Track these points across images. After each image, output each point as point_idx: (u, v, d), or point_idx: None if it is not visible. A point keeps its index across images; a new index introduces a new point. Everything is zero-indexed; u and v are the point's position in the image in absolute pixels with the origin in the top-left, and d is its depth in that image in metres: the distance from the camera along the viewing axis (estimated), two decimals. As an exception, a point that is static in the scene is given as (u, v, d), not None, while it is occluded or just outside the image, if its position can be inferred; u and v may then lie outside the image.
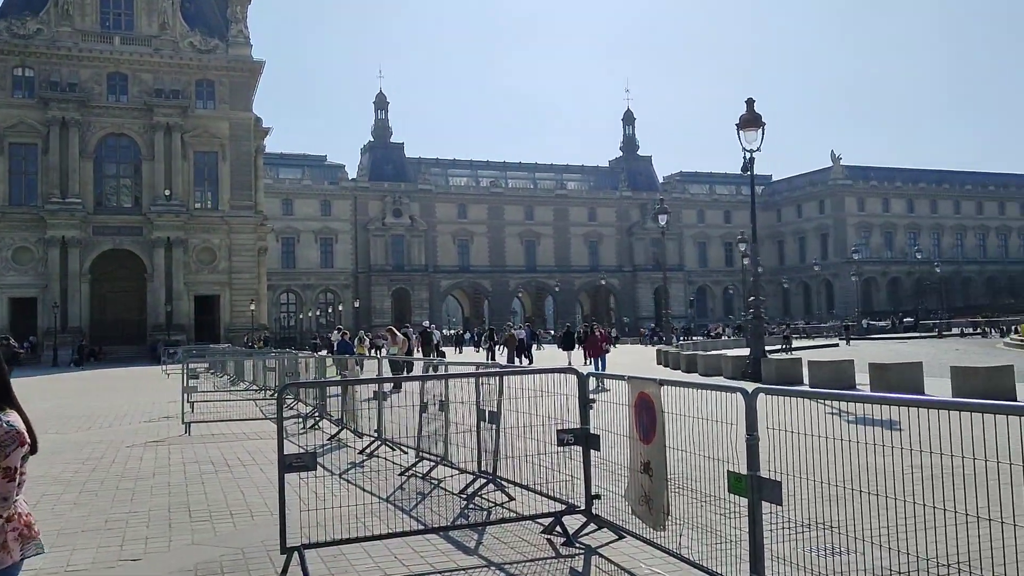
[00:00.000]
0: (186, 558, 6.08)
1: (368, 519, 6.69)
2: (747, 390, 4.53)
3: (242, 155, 63.62)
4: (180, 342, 52.70)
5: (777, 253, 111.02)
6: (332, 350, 25.40)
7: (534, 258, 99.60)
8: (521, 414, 7.31)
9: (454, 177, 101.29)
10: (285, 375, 18.20)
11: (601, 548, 5.91)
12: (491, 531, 6.49)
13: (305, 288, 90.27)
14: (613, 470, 6.35)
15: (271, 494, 8.21)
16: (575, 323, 71.36)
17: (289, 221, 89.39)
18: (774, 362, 20.88)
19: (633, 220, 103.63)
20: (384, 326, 55.70)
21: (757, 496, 4.34)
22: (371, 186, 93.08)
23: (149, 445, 12.45)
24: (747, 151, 19.77)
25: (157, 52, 61.12)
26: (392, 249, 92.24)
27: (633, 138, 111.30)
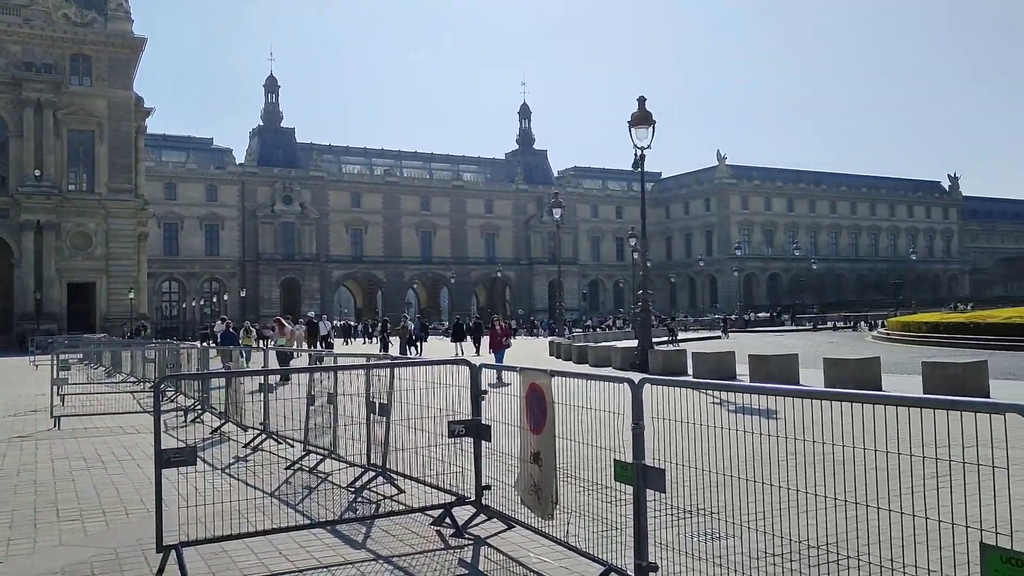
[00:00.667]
0: (53, 559, 5.74)
1: (252, 515, 6.49)
2: (634, 381, 4.62)
3: (121, 136, 60.58)
4: (51, 332, 49.82)
5: (665, 248, 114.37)
6: (215, 341, 24.53)
7: (430, 249, 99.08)
8: (412, 406, 7.24)
9: (348, 164, 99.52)
10: (165, 367, 17.46)
11: (490, 538, 5.93)
12: (380, 524, 6.41)
13: (189, 276, 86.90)
14: (504, 461, 6.38)
15: (148, 491, 7.83)
16: (471, 315, 71.52)
17: (172, 206, 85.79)
18: (660, 353, 21.50)
19: (530, 213, 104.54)
20: (272, 316, 54.36)
21: (642, 484, 4.44)
22: (260, 171, 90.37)
23: (14, 441, 11.71)
24: (638, 148, 20.24)
25: (27, 23, 57.42)
26: (282, 237, 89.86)
27: (529, 132, 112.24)
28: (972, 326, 30.38)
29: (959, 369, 13.56)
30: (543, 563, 5.31)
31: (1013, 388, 15.13)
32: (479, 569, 5.35)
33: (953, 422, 3.25)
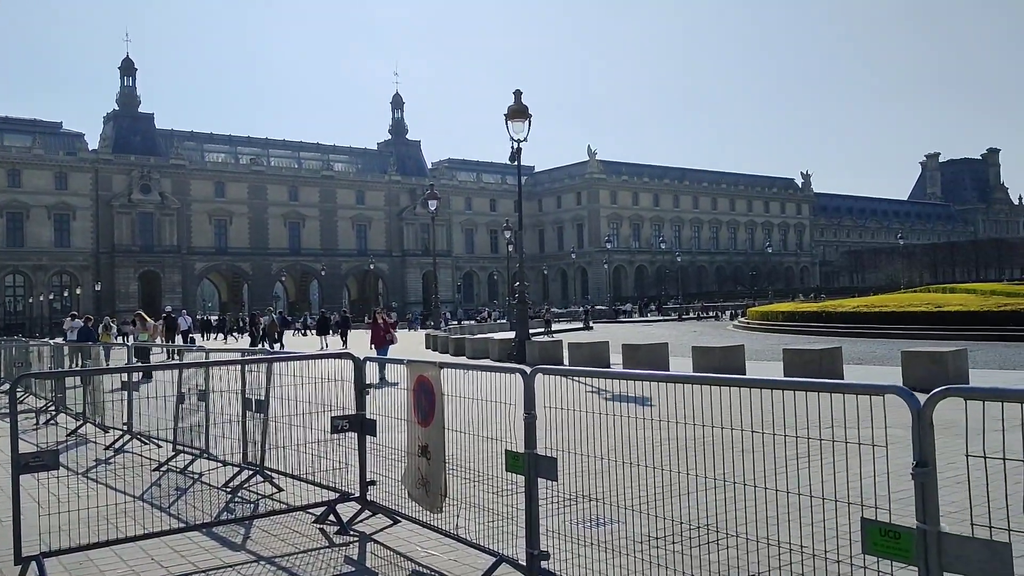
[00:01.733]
0: None
1: (119, 520, 6.14)
2: (525, 370, 4.66)
3: (-44, 116, 55.76)
4: None
5: (538, 241, 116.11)
6: (65, 338, 23.06)
7: (298, 241, 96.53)
8: (292, 402, 7.04)
9: (211, 153, 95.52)
10: (13, 365, 16.26)
11: (376, 534, 5.85)
12: (260, 524, 6.20)
13: (36, 269, 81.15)
14: (389, 455, 6.30)
15: (2, 500, 7.30)
16: (342, 308, 70.14)
17: (16, 194, 79.84)
18: (537, 344, 21.82)
19: (403, 205, 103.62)
20: (131, 311, 51.53)
21: (534, 473, 4.49)
22: (116, 159, 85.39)
23: None
24: (514, 140, 20.41)
25: None
26: (140, 228, 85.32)
27: (402, 122, 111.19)
28: (824, 315, 32.47)
29: (816, 355, 14.44)
30: (432, 556, 5.29)
31: (865, 371, 16.29)
32: (366, 566, 5.27)
33: (814, 404, 3.44)
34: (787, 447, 3.68)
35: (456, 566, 5.05)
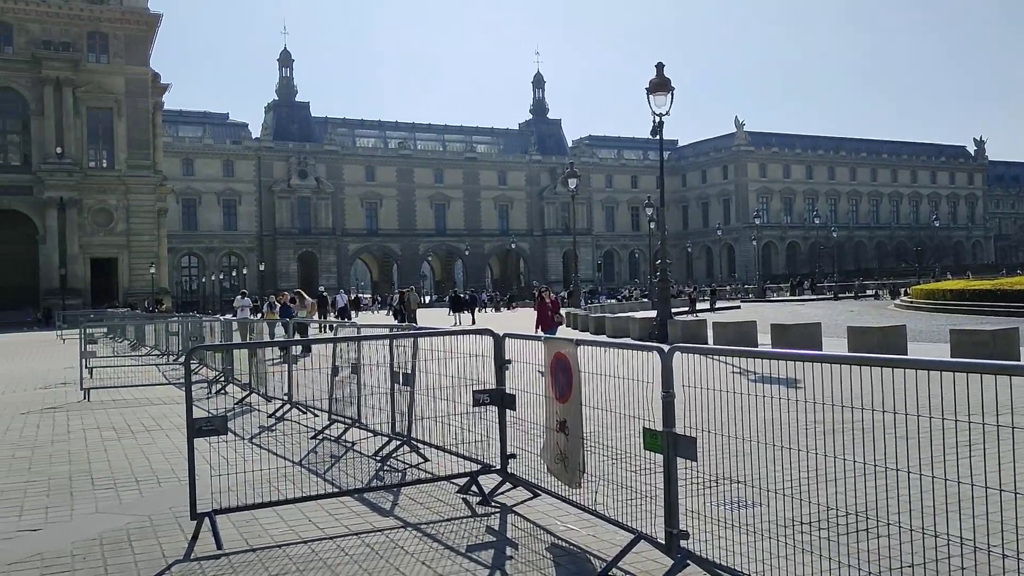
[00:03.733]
0: (90, 527, 5.85)
1: (280, 483, 6.59)
2: (663, 349, 4.61)
3: (139, 112, 60.72)
4: (76, 306, 50.40)
5: (682, 218, 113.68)
6: (235, 315, 24.72)
7: (444, 221, 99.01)
8: (436, 376, 7.28)
9: (362, 138, 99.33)
10: (189, 339, 17.65)
11: (517, 506, 5.98)
12: (407, 492, 6.47)
13: (208, 251, 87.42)
14: (528, 430, 6.41)
15: (178, 460, 7.98)
16: (485, 287, 71.28)
17: (190, 182, 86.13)
18: (680, 324, 21.45)
19: (543, 184, 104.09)
20: (291, 290, 54.64)
21: (672, 452, 4.45)
22: (276, 146, 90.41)
23: (46, 412, 11.91)
24: (656, 115, 20.04)
25: (44, 1, 57.41)
26: (298, 211, 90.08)
27: (543, 101, 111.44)
28: (999, 293, 30.03)
29: (988, 337, 13.42)
30: (571, 531, 5.35)
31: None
32: (507, 536, 5.40)
33: (984, 387, 3.21)
34: (951, 434, 3.46)
35: (594, 541, 5.09)
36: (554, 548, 5.07)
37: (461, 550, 5.08)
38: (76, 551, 5.31)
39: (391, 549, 5.14)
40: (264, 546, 5.27)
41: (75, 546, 5.41)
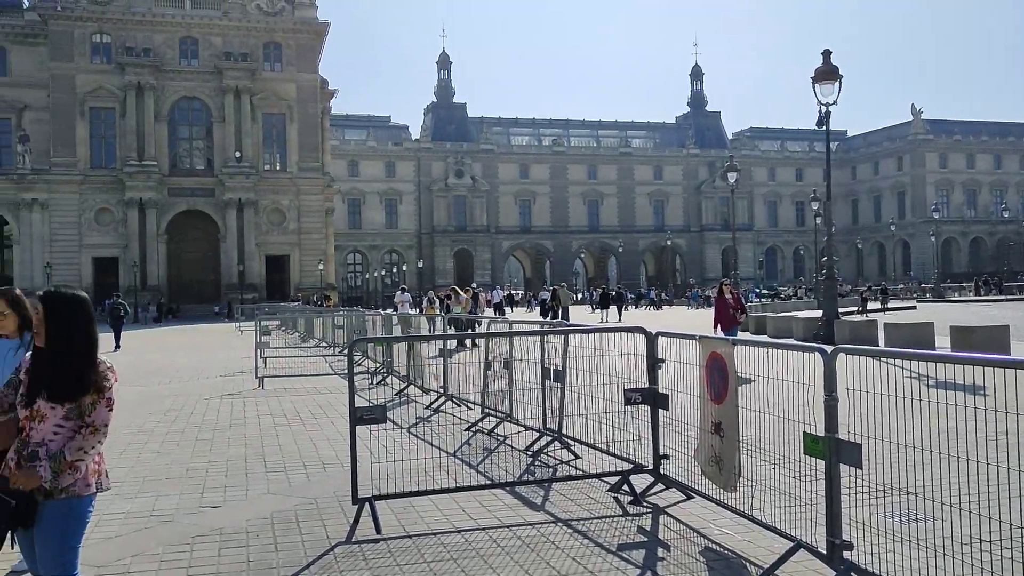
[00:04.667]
0: (263, 506, 6.26)
1: (436, 473, 6.79)
2: (825, 350, 4.39)
3: (309, 117, 64.34)
4: (252, 300, 54.15)
5: (851, 212, 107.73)
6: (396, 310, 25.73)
7: (597, 218, 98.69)
8: (587, 373, 7.28)
9: (516, 136, 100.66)
10: (353, 332, 18.52)
11: (669, 508, 5.87)
12: (557, 488, 6.51)
13: (371, 248, 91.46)
14: (681, 430, 6.28)
15: (341, 447, 8.39)
16: (640, 284, 70.45)
17: (355, 182, 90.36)
18: (848, 324, 20.35)
19: (701, 178, 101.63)
20: (447, 286, 56.15)
21: (835, 459, 4.23)
22: (434, 146, 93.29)
23: (225, 398, 12.85)
24: (823, 105, 19.11)
25: (226, 15, 61.95)
26: (454, 210, 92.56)
27: (701, 94, 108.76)
28: None
29: None
30: (725, 535, 5.20)
31: None
32: (659, 537, 5.32)
33: None
34: None
35: (750, 547, 4.92)
36: (708, 552, 4.94)
37: (612, 548, 5.05)
38: (251, 528, 5.70)
39: (542, 543, 5.18)
40: (420, 533, 5.45)
41: (250, 523, 5.81)
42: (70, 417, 3.32)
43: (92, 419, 3.34)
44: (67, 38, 58.78)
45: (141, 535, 5.62)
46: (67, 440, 3.31)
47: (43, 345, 3.40)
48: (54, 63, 58.41)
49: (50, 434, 3.31)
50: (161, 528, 5.78)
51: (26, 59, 59.63)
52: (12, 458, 3.33)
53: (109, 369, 3.43)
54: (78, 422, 3.33)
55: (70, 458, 3.28)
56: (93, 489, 3.39)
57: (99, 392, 3.37)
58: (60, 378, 3.32)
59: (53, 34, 58.59)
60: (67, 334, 3.38)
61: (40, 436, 3.31)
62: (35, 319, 3.50)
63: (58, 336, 3.38)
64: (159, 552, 5.24)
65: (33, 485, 3.23)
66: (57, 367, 3.33)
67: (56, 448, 3.29)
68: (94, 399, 3.35)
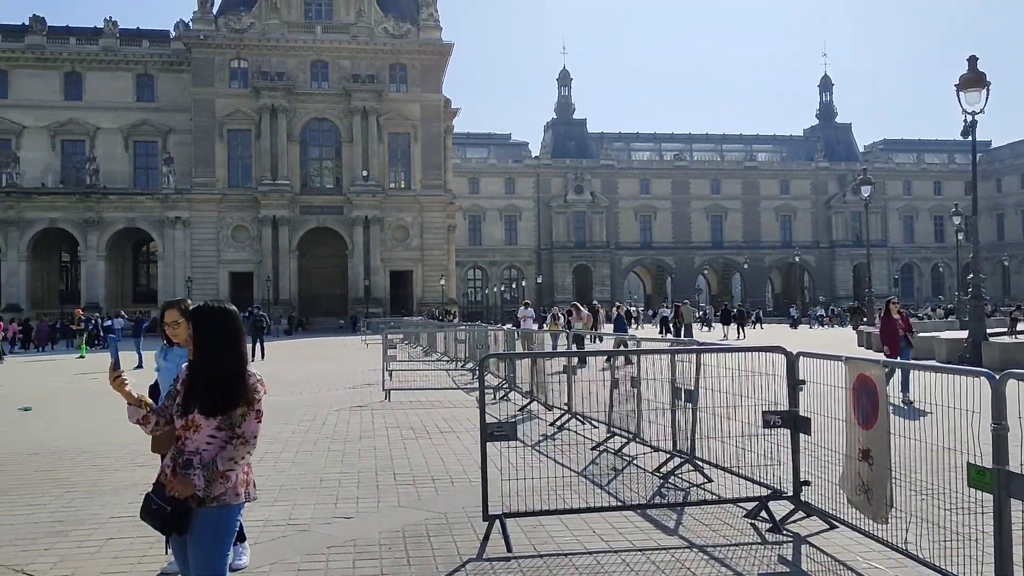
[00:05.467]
0: (394, 519, 6.35)
1: (564, 492, 6.69)
2: (993, 375, 4.05)
3: (432, 136, 65.95)
4: (377, 314, 55.81)
5: (996, 227, 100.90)
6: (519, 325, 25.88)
7: (720, 234, 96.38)
8: (720, 393, 7.03)
9: (636, 151, 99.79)
10: (476, 347, 18.70)
11: (811, 537, 5.58)
12: (690, 512, 6.30)
13: (491, 264, 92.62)
14: (823, 456, 5.96)
15: (468, 461, 8.45)
16: (765, 302, 68.24)
17: (475, 199, 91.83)
18: (998, 346, 18.97)
19: (831, 193, 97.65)
20: (567, 302, 56.04)
21: (1004, 492, 3.89)
22: (553, 163, 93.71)
23: (354, 410, 13.21)
24: (968, 114, 17.98)
25: (354, 39, 64.41)
26: (574, 225, 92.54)
27: (830, 105, 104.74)
28: None
29: None
30: (875, 569, 4.88)
31: None
32: (801, 568, 5.05)
33: None
34: None
35: (904, 585, 4.59)
36: (856, 588, 4.64)
37: (751, 578, 4.83)
38: (383, 541, 5.78)
39: (677, 569, 5.01)
40: (551, 553, 5.37)
41: (382, 536, 5.90)
42: (222, 428, 3.44)
43: (242, 430, 3.44)
44: (208, 65, 62.59)
45: (278, 544, 5.79)
46: (219, 450, 3.42)
47: (194, 358, 3.54)
48: (196, 88, 62.29)
49: (203, 444, 3.43)
50: (297, 537, 5.95)
51: (171, 86, 63.94)
52: (168, 466, 3.48)
53: (259, 381, 3.53)
54: (229, 432, 3.44)
55: (222, 468, 3.39)
56: (242, 498, 3.49)
57: (249, 404, 3.47)
58: (212, 391, 3.44)
59: (196, 61, 62.54)
60: (216, 347, 3.49)
61: (194, 445, 3.44)
62: (187, 333, 3.65)
63: (207, 349, 3.50)
64: (296, 561, 5.38)
65: (188, 493, 3.35)
66: (209, 380, 3.45)
67: (209, 457, 3.41)
68: (244, 411, 3.45)
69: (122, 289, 64.69)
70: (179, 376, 3.59)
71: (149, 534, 4.76)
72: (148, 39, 65.18)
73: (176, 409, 3.50)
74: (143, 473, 7.92)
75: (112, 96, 63.50)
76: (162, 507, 3.40)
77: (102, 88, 63.48)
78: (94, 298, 58.22)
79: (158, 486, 3.47)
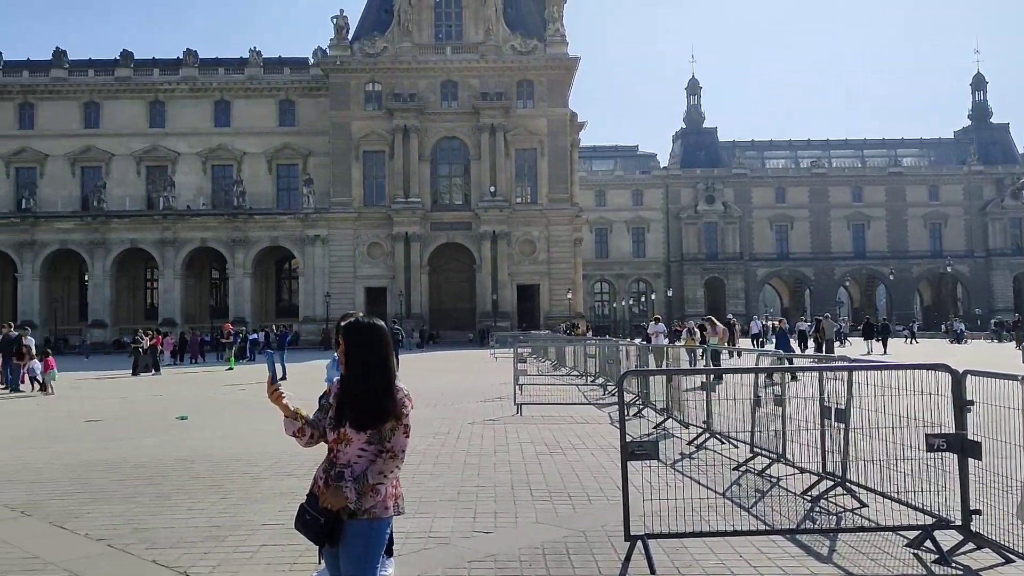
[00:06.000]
0: (533, 536, 6.30)
1: (706, 513, 6.47)
2: None
3: (558, 150, 66.26)
4: (504, 328, 56.37)
5: None
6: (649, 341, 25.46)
7: (863, 243, 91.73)
8: (874, 413, 6.61)
9: (771, 160, 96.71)
10: (607, 362, 18.52)
11: (984, 572, 5.14)
12: (844, 539, 5.95)
13: (618, 278, 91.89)
14: (995, 483, 5.50)
15: (604, 479, 8.32)
16: (914, 316, 64.49)
17: (602, 212, 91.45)
18: None
19: (986, 198, 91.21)
20: (697, 316, 54.83)
21: None
22: (683, 173, 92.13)
23: (487, 423, 13.31)
24: None
25: (483, 58, 65.68)
26: (705, 237, 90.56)
27: (984, 104, 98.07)
28: None
29: None
30: (1063, 612, 4.42)
31: None
32: (975, 606, 4.65)
33: None
34: None
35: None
36: (1043, 631, 4.22)
37: (919, 615, 4.48)
38: (523, 557, 5.74)
39: (834, 601, 4.71)
40: (696, 577, 5.18)
41: (522, 552, 5.86)
42: (372, 442, 3.49)
43: (391, 445, 3.49)
44: (344, 89, 65.33)
45: (421, 556, 5.85)
46: (369, 463, 3.47)
47: (345, 372, 3.61)
48: (334, 112, 65.15)
49: (355, 457, 3.49)
50: (439, 550, 6.00)
51: (311, 110, 67.17)
52: (320, 477, 3.56)
53: (406, 396, 3.57)
54: (379, 447, 3.49)
55: (372, 481, 3.44)
56: (391, 512, 3.53)
57: (397, 419, 3.51)
58: (362, 406, 3.50)
59: (333, 86, 65.44)
60: (366, 362, 3.56)
61: (346, 458, 3.50)
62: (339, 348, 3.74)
63: (358, 364, 3.57)
64: (439, 574, 5.42)
65: (340, 505, 3.42)
66: (359, 394, 3.51)
67: (360, 470, 3.46)
68: (393, 425, 3.50)
69: (266, 304, 68.25)
70: (330, 390, 3.68)
71: (300, 541, 4.91)
72: (289, 67, 68.74)
73: (329, 422, 3.59)
74: (292, 483, 8.23)
75: (257, 122, 67.34)
76: (316, 518, 3.48)
77: (248, 114, 67.44)
78: (241, 313, 61.72)
79: (311, 497, 3.56)
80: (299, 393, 9.78)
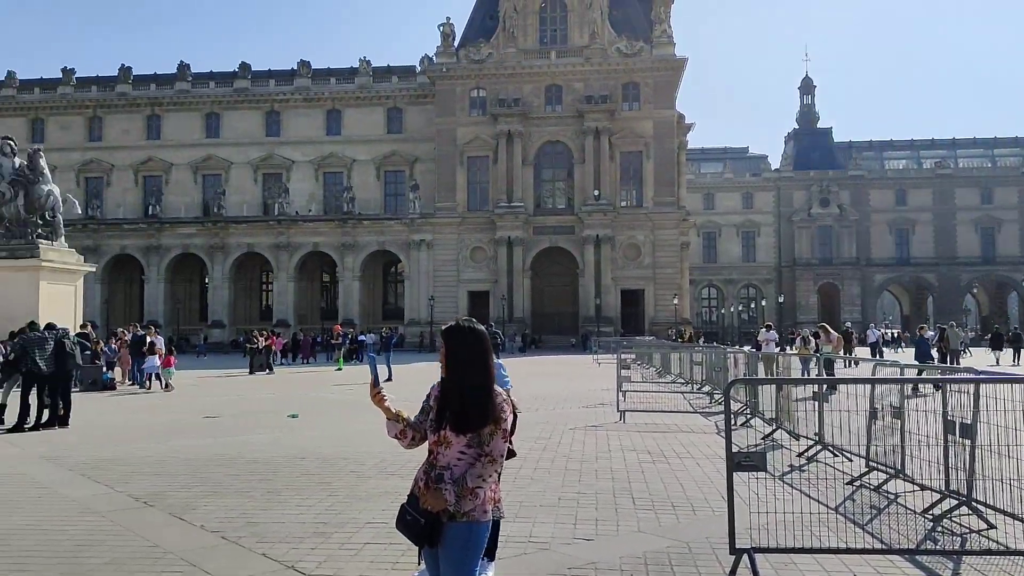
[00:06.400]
0: (635, 545, 6.18)
1: (817, 528, 6.18)
2: None
3: (665, 152, 65.30)
4: (608, 333, 55.92)
5: None
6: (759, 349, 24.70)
7: (992, 247, 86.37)
8: (1005, 429, 6.18)
9: (890, 160, 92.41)
10: (714, 370, 18.09)
11: None
12: (970, 562, 5.58)
13: (727, 283, 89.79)
14: None
15: (710, 490, 8.10)
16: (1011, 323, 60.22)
17: (710, 215, 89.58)
18: None
19: None
20: (810, 324, 52.94)
21: None
22: (795, 175, 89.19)
23: (589, 429, 13.19)
24: None
25: (588, 61, 65.45)
26: (818, 241, 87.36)
27: None
28: None
29: None
30: None
31: None
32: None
33: None
34: None
35: None
36: None
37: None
38: (624, 566, 5.63)
39: (959, 630, 4.41)
40: (806, 596, 4.95)
41: (623, 561, 5.75)
42: (471, 445, 3.49)
43: (490, 449, 3.48)
44: (450, 95, 66.36)
45: (520, 561, 5.82)
46: (468, 466, 3.47)
47: (445, 375, 3.63)
48: (439, 119, 66.29)
49: (454, 459, 3.50)
50: (539, 556, 5.95)
51: (417, 117, 68.59)
52: (421, 478, 3.58)
53: (505, 401, 3.56)
54: (478, 450, 3.48)
55: (471, 485, 3.44)
56: (489, 516, 3.52)
57: (496, 423, 3.50)
58: (462, 409, 3.51)
59: (439, 93, 66.59)
60: (465, 365, 3.57)
61: (446, 460, 3.51)
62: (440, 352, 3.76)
63: (457, 367, 3.58)
64: (538, 580, 5.37)
65: (440, 507, 3.43)
66: (459, 398, 3.52)
67: (459, 473, 3.47)
68: (492, 429, 3.49)
69: (373, 306, 70.03)
70: (431, 392, 3.70)
71: (401, 541, 4.97)
72: (397, 75, 70.44)
73: (429, 424, 3.61)
74: (394, 482, 8.37)
75: (366, 130, 69.26)
76: (416, 519, 3.51)
77: (357, 123, 69.45)
78: (350, 315, 63.58)
79: (412, 498, 3.59)
80: (404, 395, 9.96)
